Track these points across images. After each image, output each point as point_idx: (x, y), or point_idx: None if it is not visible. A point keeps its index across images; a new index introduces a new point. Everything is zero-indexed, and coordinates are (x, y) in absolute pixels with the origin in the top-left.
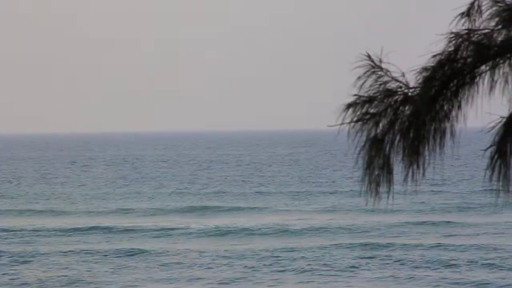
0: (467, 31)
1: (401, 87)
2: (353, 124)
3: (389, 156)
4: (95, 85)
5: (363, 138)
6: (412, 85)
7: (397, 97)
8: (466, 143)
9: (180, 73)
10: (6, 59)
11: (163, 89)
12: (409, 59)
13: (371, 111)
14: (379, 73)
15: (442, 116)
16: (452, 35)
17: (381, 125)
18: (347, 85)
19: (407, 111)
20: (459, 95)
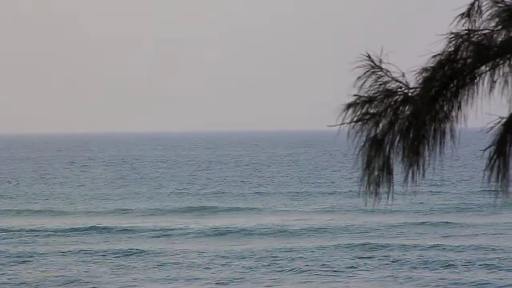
0: (467, 32)
1: (401, 87)
2: (353, 124)
3: (389, 156)
4: (95, 85)
5: (363, 138)
6: (412, 85)
7: (397, 97)
8: (465, 144)
9: (180, 73)
10: (6, 59)
11: (163, 89)
12: (409, 59)
13: (371, 111)
14: (379, 73)
15: (442, 116)
16: (452, 36)
17: (381, 125)
18: (347, 85)
19: (407, 111)
20: (459, 96)
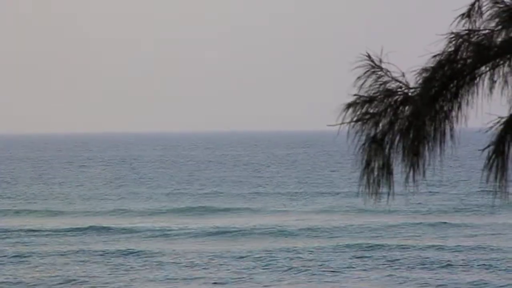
0: (467, 32)
1: (401, 87)
2: (353, 124)
3: (389, 156)
4: (95, 85)
5: (363, 138)
6: (412, 85)
7: (397, 97)
8: (465, 144)
9: (180, 73)
10: (6, 59)
11: (163, 89)
12: (409, 60)
13: (371, 111)
14: (379, 73)
15: (442, 116)
16: (452, 36)
17: (381, 125)
18: (347, 85)
19: (407, 111)
20: (459, 96)
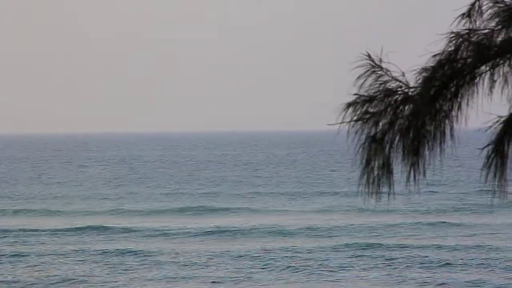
0: (467, 31)
1: (401, 87)
2: (353, 123)
3: (389, 155)
4: (95, 85)
5: (363, 137)
6: (412, 84)
7: (397, 96)
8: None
9: (180, 73)
10: (6, 59)
11: (163, 89)
12: (409, 59)
13: (371, 110)
14: (379, 72)
15: (442, 116)
16: (452, 35)
17: (381, 124)
18: (347, 85)
19: (407, 110)
20: (459, 95)
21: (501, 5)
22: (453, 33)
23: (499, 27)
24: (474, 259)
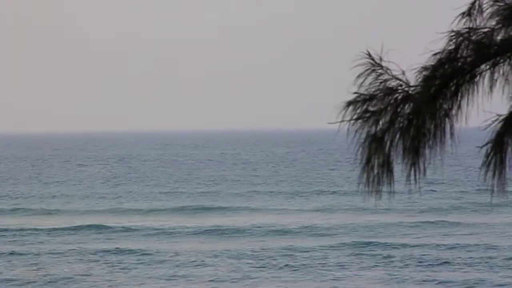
0: (467, 30)
1: (401, 85)
2: (353, 122)
3: (389, 154)
4: (95, 85)
5: (363, 136)
6: (412, 83)
7: (397, 95)
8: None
9: (180, 73)
10: (6, 59)
11: (163, 89)
12: (409, 58)
13: (371, 109)
14: (379, 71)
15: (442, 114)
16: (452, 34)
17: (381, 123)
18: (347, 85)
19: (407, 109)
20: (459, 94)
21: (501, 4)
22: (453, 32)
23: (499, 25)
24: (473, 258)
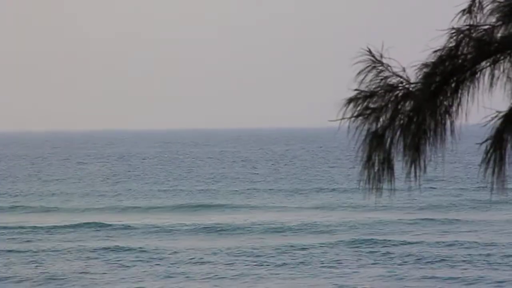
0: (468, 27)
1: (402, 83)
2: (353, 119)
3: (389, 151)
4: (95, 85)
5: (364, 133)
6: (413, 80)
7: (397, 92)
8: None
9: (180, 73)
10: (6, 59)
11: (163, 89)
12: (410, 57)
13: (371, 106)
14: (380, 68)
15: (442, 111)
16: (453, 31)
17: (381, 120)
18: (347, 86)
19: (408, 106)
20: (460, 91)
21: (501, 1)
22: (454, 29)
23: (500, 22)
24: (472, 255)
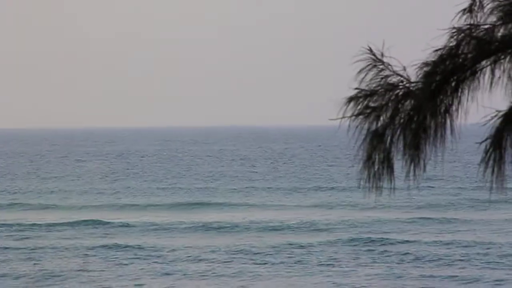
0: (468, 26)
1: (402, 81)
2: (354, 118)
3: (389, 150)
4: (95, 85)
5: (364, 132)
6: (413, 79)
7: (398, 91)
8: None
9: (180, 73)
10: (6, 59)
11: (163, 89)
12: (410, 57)
13: (372, 105)
14: (381, 66)
15: (442, 111)
16: (453, 30)
17: (382, 119)
18: (347, 86)
19: (408, 105)
20: (460, 90)
21: (502, 0)
22: (454, 28)
23: (500, 22)
24: (470, 254)
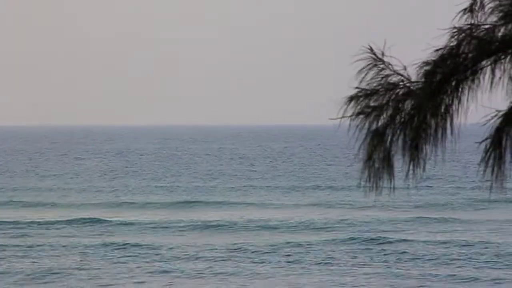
0: (469, 26)
1: (403, 81)
2: (354, 117)
3: (390, 149)
4: (95, 85)
5: (364, 131)
6: (413, 79)
7: (398, 90)
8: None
9: (180, 73)
10: (6, 59)
11: (163, 89)
12: (410, 57)
13: (372, 104)
14: (381, 66)
15: (443, 110)
16: (454, 30)
17: (382, 118)
18: (347, 86)
19: (409, 104)
20: (461, 90)
21: (502, 0)
22: (455, 28)
23: (501, 22)
24: (469, 254)
